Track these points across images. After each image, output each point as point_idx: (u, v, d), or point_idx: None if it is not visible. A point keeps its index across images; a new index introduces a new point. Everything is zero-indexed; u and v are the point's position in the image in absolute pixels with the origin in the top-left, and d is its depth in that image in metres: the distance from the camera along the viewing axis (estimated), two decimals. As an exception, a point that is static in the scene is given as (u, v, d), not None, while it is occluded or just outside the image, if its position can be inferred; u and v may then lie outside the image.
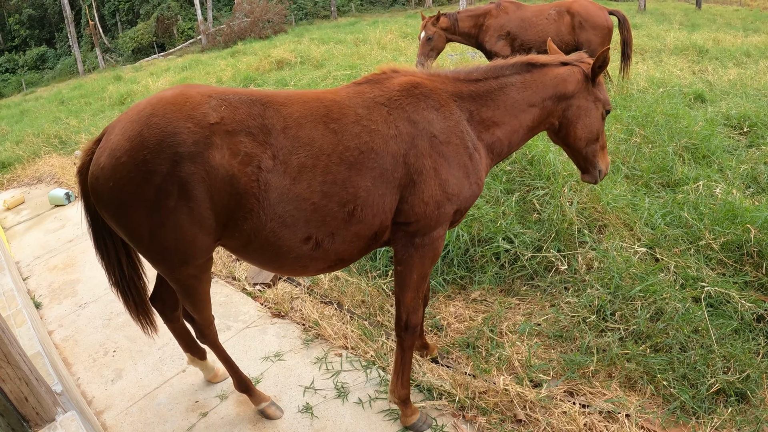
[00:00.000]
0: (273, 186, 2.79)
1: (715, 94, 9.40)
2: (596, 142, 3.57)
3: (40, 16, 61.36)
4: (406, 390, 3.54)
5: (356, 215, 2.98)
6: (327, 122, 2.93)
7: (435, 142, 3.09)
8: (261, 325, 4.79)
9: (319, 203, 2.88)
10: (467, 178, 3.19)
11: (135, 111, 2.80)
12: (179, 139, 2.66)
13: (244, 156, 2.74)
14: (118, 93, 18.43)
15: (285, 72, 16.16)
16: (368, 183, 2.96)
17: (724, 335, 3.85)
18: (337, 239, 3.03)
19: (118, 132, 2.77)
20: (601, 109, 3.50)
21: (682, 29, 19.61)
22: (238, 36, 38.57)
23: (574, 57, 3.51)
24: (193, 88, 2.89)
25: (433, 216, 3.13)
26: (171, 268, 3.00)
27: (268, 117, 2.84)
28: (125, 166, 2.67)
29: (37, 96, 31.76)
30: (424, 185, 3.06)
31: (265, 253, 3.01)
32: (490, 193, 5.56)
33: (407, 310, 3.36)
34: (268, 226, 2.86)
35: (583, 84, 3.43)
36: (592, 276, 4.52)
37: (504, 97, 3.34)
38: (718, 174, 5.98)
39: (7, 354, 2.53)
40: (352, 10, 54.03)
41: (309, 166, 2.84)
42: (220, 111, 2.77)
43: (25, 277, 6.45)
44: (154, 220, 2.75)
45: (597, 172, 3.65)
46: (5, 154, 12.28)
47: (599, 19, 9.14)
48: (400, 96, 3.11)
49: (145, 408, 4.06)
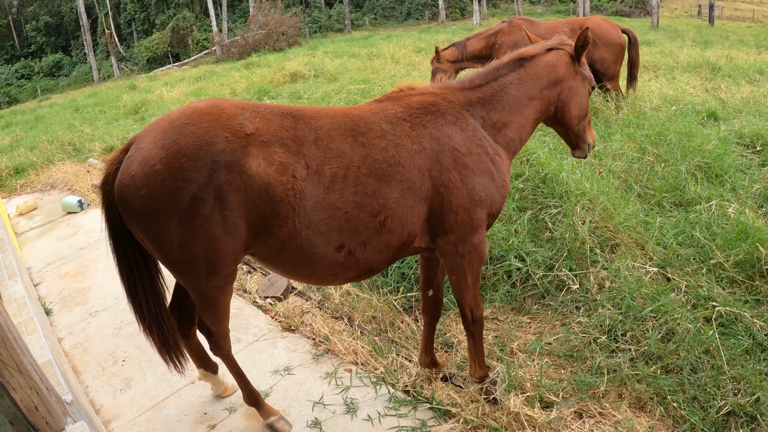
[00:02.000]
0: (308, 194, 2.88)
1: (728, 112, 9.35)
2: (585, 118, 3.77)
3: (57, 24, 62.06)
4: (484, 370, 3.85)
5: (387, 225, 3.10)
6: (355, 135, 3.05)
7: (457, 155, 3.23)
8: (271, 338, 4.78)
9: (351, 213, 2.99)
10: (493, 182, 3.35)
11: (167, 121, 2.85)
12: (217, 148, 2.74)
13: (279, 165, 2.83)
14: (132, 102, 18.57)
15: (299, 85, 16.23)
16: (397, 195, 3.08)
17: (734, 356, 3.82)
18: (369, 248, 3.13)
19: (150, 141, 2.81)
20: (587, 87, 3.70)
21: (695, 46, 19.60)
22: (253, 48, 38.85)
23: (556, 41, 3.68)
24: (224, 101, 2.99)
25: (466, 223, 3.29)
26: (197, 278, 3.03)
27: (300, 129, 2.95)
28: (160, 174, 2.71)
29: (52, 103, 32.06)
30: (452, 196, 3.22)
31: (299, 260, 3.07)
32: (502, 211, 5.54)
33: (470, 308, 3.63)
34: (302, 234, 2.94)
35: (571, 65, 3.62)
36: (604, 296, 4.49)
37: (506, 97, 3.50)
38: (731, 193, 5.93)
39: (19, 363, 2.54)
40: (366, 24, 54.41)
41: (341, 176, 2.96)
42: (254, 122, 2.86)
43: (36, 283, 6.49)
44: (186, 229, 2.79)
45: (587, 146, 3.84)
46: (19, 160, 12.37)
47: (612, 36, 9.14)
48: (420, 113, 3.25)
49: (154, 418, 4.06)
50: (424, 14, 55.16)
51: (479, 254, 3.45)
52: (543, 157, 6.06)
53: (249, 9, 47.86)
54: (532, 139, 7.17)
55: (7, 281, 4.82)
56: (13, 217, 9.20)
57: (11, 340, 2.49)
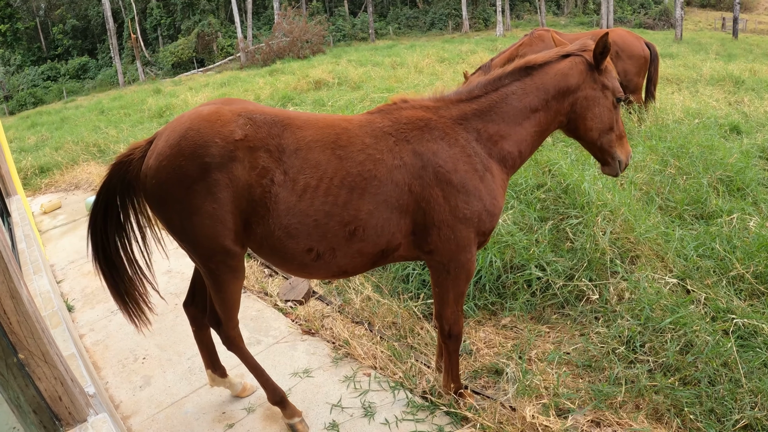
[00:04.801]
0: (281, 199, 3.09)
1: (750, 125, 9.29)
2: (611, 132, 3.50)
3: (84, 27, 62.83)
4: (457, 383, 3.86)
5: (358, 235, 3.22)
6: (334, 148, 3.18)
7: (441, 172, 3.23)
8: (291, 341, 4.82)
9: (321, 220, 3.15)
10: (480, 200, 3.30)
11: (179, 122, 3.18)
12: (209, 151, 3.03)
13: (261, 169, 3.08)
14: (157, 106, 18.79)
15: (323, 92, 16.33)
16: (370, 207, 3.18)
17: (753, 369, 3.79)
18: (339, 254, 3.28)
19: (163, 139, 3.17)
20: (611, 98, 3.43)
21: (718, 59, 19.45)
22: (277, 55, 39.13)
23: (577, 46, 3.45)
24: (227, 106, 3.25)
25: (450, 240, 3.31)
26: (199, 257, 3.31)
27: (285, 137, 3.15)
28: (165, 168, 3.08)
29: (78, 105, 32.42)
30: (434, 212, 3.25)
31: (275, 256, 3.32)
32: (523, 221, 5.55)
33: (449, 323, 3.63)
34: (275, 234, 3.17)
35: (587, 74, 3.38)
36: (623, 306, 4.48)
37: (506, 108, 3.38)
38: (752, 207, 5.90)
39: (45, 353, 2.59)
40: (389, 33, 54.57)
41: (312, 186, 3.12)
42: (245, 129, 3.11)
43: (59, 280, 6.58)
44: (184, 215, 3.12)
45: (617, 164, 3.58)
46: (44, 159, 12.55)
47: (636, 48, 9.13)
48: (407, 128, 3.28)
49: (172, 416, 4.10)
50: (448, 24, 55.20)
51: (466, 272, 3.45)
52: (565, 168, 6.06)
53: (274, 16, 48.18)
54: (554, 150, 7.18)
55: (32, 276, 4.90)
56: (37, 215, 9.34)
57: (39, 331, 2.54)
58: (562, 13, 59.85)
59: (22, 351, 2.48)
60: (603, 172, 3.68)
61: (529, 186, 6.03)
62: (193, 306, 3.93)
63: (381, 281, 5.47)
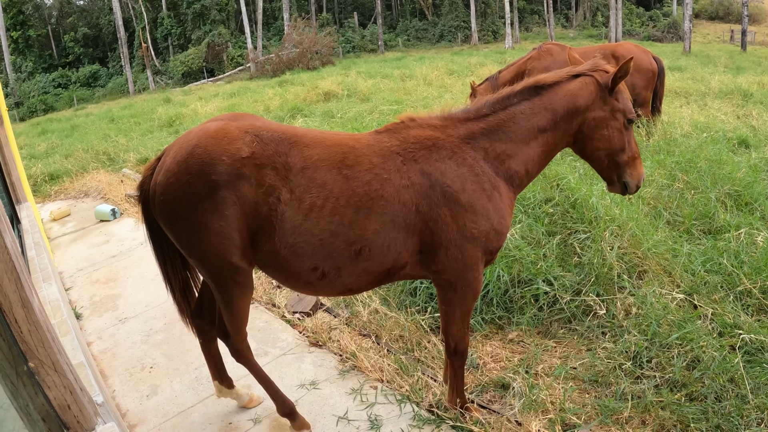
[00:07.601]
0: (287, 218, 3.09)
1: (759, 139, 9.28)
2: (621, 153, 3.43)
3: (95, 36, 63.23)
4: (462, 399, 3.84)
5: (363, 254, 3.21)
6: (341, 168, 3.17)
7: (449, 192, 3.22)
8: (298, 353, 4.82)
9: (326, 240, 3.14)
10: (488, 220, 3.28)
11: (186, 139, 3.19)
12: (216, 169, 3.03)
13: (268, 187, 3.08)
14: (167, 115, 18.87)
15: (332, 104, 16.37)
16: (376, 226, 3.17)
17: (759, 385, 3.78)
18: (344, 273, 3.27)
19: (171, 156, 3.18)
20: (621, 119, 3.36)
21: (726, 72, 19.45)
22: (287, 66, 39.26)
23: (588, 66, 3.40)
24: (234, 122, 3.25)
25: (458, 259, 3.29)
26: (207, 273, 3.34)
27: (292, 156, 3.15)
28: (173, 185, 3.10)
29: (88, 112, 32.58)
30: (441, 232, 3.23)
31: (281, 274, 3.33)
32: (531, 235, 5.55)
33: (455, 340, 3.61)
34: (281, 253, 3.17)
35: (597, 95, 3.33)
36: (630, 322, 4.47)
37: (514, 127, 3.35)
38: (761, 222, 5.89)
39: (55, 362, 2.61)
40: (399, 45, 54.73)
41: (318, 205, 3.11)
42: (252, 146, 3.10)
43: (67, 287, 6.61)
44: (192, 232, 3.14)
45: (622, 185, 3.54)
46: (54, 167, 12.62)
47: (644, 62, 9.16)
48: (415, 148, 3.27)
49: (178, 425, 4.11)
50: (457, 37, 55.32)
51: (473, 290, 3.44)
52: (573, 182, 6.07)
53: (284, 27, 48.38)
54: (563, 164, 7.19)
55: (42, 284, 4.92)
56: (46, 222, 9.38)
57: (49, 339, 2.56)
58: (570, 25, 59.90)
59: (33, 359, 2.51)
60: (608, 190, 3.67)
61: (537, 200, 6.04)
62: (200, 318, 3.92)
63: (388, 294, 5.48)
